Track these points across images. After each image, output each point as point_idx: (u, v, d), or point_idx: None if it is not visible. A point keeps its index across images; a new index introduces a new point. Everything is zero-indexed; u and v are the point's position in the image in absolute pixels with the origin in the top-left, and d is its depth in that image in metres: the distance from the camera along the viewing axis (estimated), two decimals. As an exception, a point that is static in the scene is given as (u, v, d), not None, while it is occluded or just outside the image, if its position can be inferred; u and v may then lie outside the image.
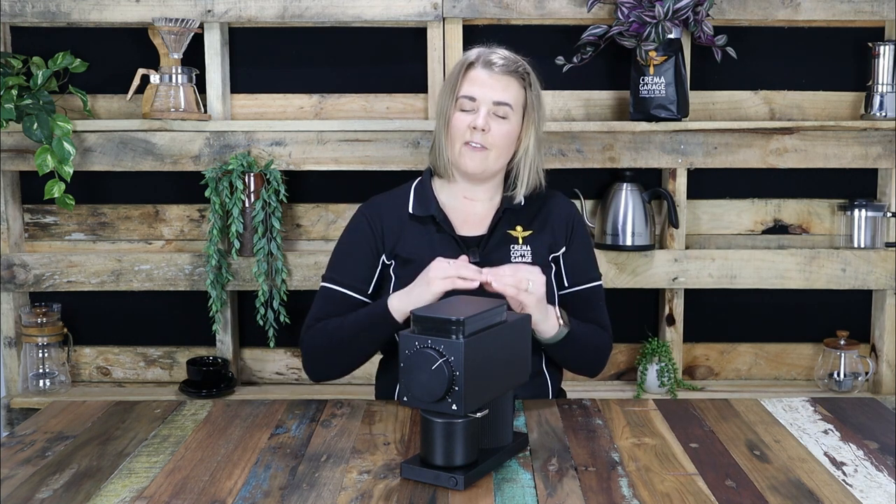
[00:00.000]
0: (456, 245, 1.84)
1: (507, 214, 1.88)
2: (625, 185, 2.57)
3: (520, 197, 1.89)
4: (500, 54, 1.85)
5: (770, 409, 1.71)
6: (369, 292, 1.86)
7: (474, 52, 1.86)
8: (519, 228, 1.87)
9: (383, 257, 1.86)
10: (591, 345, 1.86)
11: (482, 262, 1.83)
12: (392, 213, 1.89)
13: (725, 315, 2.73)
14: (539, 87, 1.89)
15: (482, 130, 1.79)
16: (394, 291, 1.83)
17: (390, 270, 1.86)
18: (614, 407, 1.72)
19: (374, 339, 1.79)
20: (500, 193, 1.91)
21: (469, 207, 1.89)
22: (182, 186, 2.65)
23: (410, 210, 1.88)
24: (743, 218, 2.69)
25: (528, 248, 1.85)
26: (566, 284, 1.89)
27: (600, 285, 1.93)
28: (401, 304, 1.72)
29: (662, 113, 2.47)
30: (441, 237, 1.85)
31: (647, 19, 2.42)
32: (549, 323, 1.74)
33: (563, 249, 1.89)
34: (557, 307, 1.78)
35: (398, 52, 2.63)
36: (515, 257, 1.84)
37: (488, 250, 1.84)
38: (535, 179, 1.90)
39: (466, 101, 1.82)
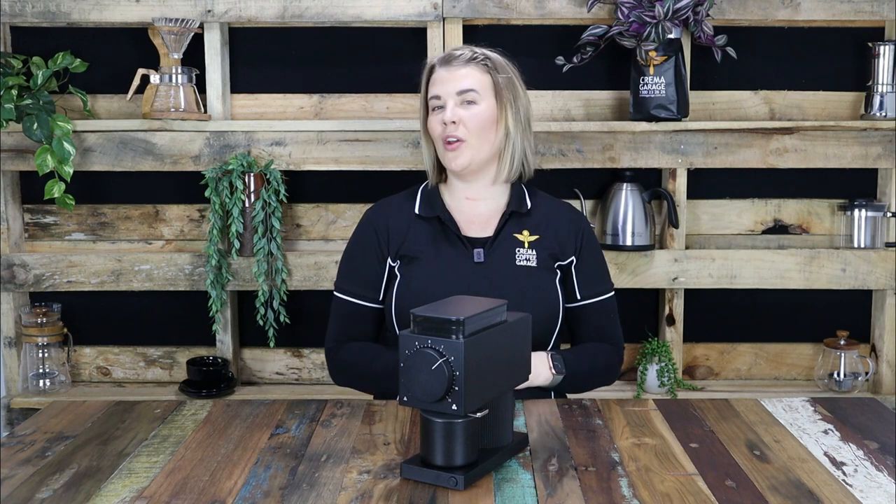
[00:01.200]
0: (461, 244, 1.85)
1: (513, 217, 1.88)
2: (625, 185, 2.57)
3: (504, 175, 1.89)
4: (459, 50, 1.88)
5: (770, 409, 1.71)
6: (380, 298, 1.88)
7: (430, 59, 1.91)
8: (525, 233, 1.88)
9: (389, 260, 1.88)
10: (597, 369, 1.89)
11: (487, 263, 1.84)
12: (399, 215, 1.91)
13: (725, 315, 2.73)
14: (511, 71, 1.89)
15: (453, 123, 1.81)
16: (398, 289, 1.84)
17: (396, 270, 1.87)
18: (614, 407, 1.72)
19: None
20: (505, 195, 1.92)
21: (473, 208, 1.90)
22: (182, 186, 2.65)
23: (417, 211, 1.90)
24: (743, 218, 2.69)
25: (534, 252, 1.86)
26: (578, 297, 1.91)
27: (612, 297, 1.94)
28: None
29: (662, 113, 2.47)
30: (447, 237, 1.86)
31: (647, 19, 2.42)
32: (540, 379, 1.79)
33: (573, 259, 1.90)
34: (549, 355, 1.81)
35: (398, 52, 2.63)
36: (520, 260, 1.85)
37: (493, 251, 1.85)
38: (520, 166, 1.90)
39: (434, 101, 1.85)
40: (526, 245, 1.87)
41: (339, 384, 1.94)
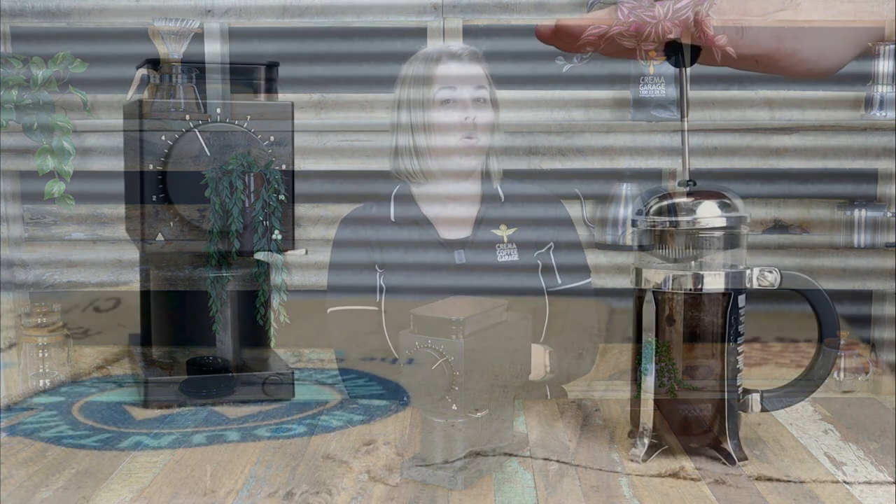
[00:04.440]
0: (441, 248, 1.84)
1: (488, 214, 1.87)
2: (625, 184, 2.57)
3: (496, 184, 1.89)
4: (456, 45, 1.88)
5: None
6: (377, 300, 1.87)
7: (434, 50, 1.87)
8: (503, 227, 1.88)
9: (376, 266, 1.87)
10: (579, 370, 1.90)
11: (468, 264, 1.84)
12: (375, 222, 1.89)
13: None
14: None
15: (473, 124, 1.80)
16: (384, 300, 1.84)
17: (381, 281, 1.86)
18: (614, 407, 1.72)
19: None
20: (480, 190, 1.91)
21: (451, 210, 1.89)
22: (182, 187, 2.64)
23: (393, 218, 1.88)
24: (743, 218, 2.69)
25: (514, 246, 1.86)
26: (559, 281, 1.90)
27: (590, 283, 1.93)
28: None
29: (662, 113, 2.47)
30: (425, 242, 1.85)
31: (647, 19, 2.42)
32: (533, 374, 1.78)
33: (551, 247, 1.90)
34: (548, 353, 1.79)
35: (398, 52, 2.63)
36: (502, 257, 1.85)
37: (473, 251, 1.85)
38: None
39: (448, 92, 1.81)
40: (505, 240, 1.87)
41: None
